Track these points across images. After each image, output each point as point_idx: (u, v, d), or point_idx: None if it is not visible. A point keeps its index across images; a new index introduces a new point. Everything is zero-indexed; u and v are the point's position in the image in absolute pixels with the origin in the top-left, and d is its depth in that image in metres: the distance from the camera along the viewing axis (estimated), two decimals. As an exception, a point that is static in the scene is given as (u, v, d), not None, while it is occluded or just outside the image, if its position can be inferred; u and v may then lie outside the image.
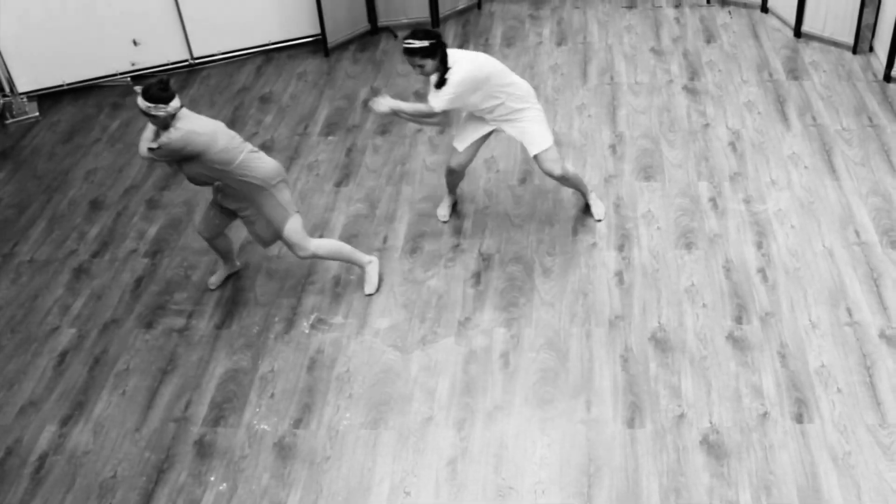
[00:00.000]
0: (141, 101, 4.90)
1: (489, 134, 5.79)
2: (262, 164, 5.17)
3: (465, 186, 6.40)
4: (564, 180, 5.84)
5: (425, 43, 5.24)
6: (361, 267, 5.66)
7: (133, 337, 5.52)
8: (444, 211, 6.21)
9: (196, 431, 4.92)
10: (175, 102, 4.91)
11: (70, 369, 5.34)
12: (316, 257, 5.48)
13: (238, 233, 6.02)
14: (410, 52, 5.27)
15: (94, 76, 7.95)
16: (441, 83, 5.36)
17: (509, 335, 5.32)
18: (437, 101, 5.39)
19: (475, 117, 5.74)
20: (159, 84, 4.90)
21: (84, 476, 4.74)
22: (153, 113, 4.90)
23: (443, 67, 5.35)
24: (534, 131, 5.65)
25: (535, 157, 5.69)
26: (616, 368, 5.05)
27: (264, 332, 5.49)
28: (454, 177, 6.01)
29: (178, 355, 5.38)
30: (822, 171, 6.36)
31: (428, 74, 5.38)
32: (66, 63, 7.79)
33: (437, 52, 5.29)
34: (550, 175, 5.74)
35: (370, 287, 5.63)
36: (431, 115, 5.49)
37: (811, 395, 4.82)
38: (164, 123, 4.96)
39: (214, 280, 5.77)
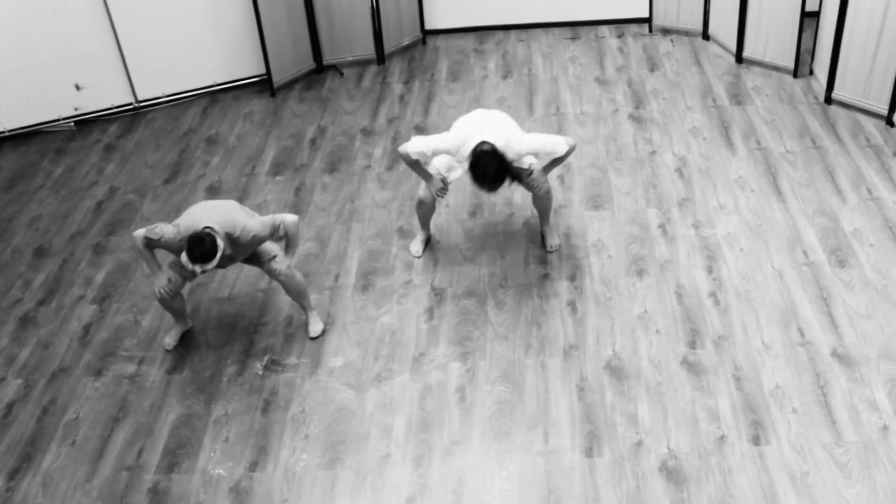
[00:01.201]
0: (196, 267, 4.87)
1: None
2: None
3: (414, 223, 6.39)
4: (549, 197, 5.81)
5: None
6: (308, 310, 5.61)
7: (82, 385, 5.40)
8: (417, 247, 6.16)
9: (149, 479, 4.82)
10: (220, 243, 4.91)
11: (17, 421, 5.21)
12: (298, 282, 5.45)
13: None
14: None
15: (36, 122, 7.85)
16: None
17: (464, 369, 5.28)
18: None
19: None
20: (195, 243, 4.85)
21: (33, 531, 4.62)
22: (209, 269, 4.92)
23: None
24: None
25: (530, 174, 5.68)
26: (572, 398, 5.04)
27: (217, 375, 5.40)
28: (425, 209, 5.95)
29: (130, 402, 5.27)
30: (769, 193, 6.43)
31: None
32: (7, 109, 7.69)
33: None
34: (539, 190, 5.72)
35: (315, 329, 5.58)
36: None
37: (767, 417, 4.83)
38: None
39: (170, 341, 5.63)
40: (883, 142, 6.86)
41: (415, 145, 5.48)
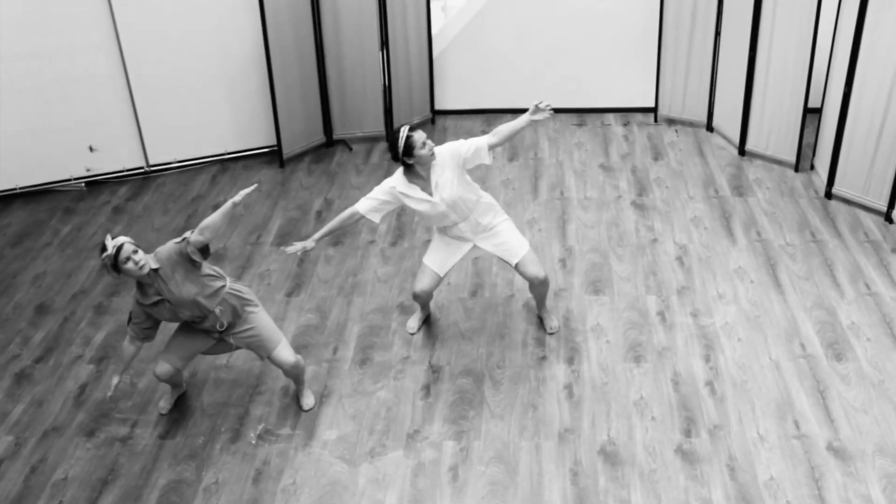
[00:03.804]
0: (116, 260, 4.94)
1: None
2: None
3: (416, 297, 6.43)
4: (544, 284, 5.87)
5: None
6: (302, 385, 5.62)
7: (74, 445, 5.39)
8: (414, 323, 6.20)
9: (135, 545, 4.78)
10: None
11: (4, 479, 5.18)
12: (301, 370, 5.48)
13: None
14: (415, 128, 5.40)
15: (48, 180, 7.95)
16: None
17: (458, 448, 5.27)
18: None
19: (453, 238, 5.77)
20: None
21: (16, 592, 4.57)
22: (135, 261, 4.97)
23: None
24: (511, 241, 5.75)
25: (517, 265, 5.74)
26: (565, 482, 5.01)
27: (210, 442, 5.39)
28: (422, 299, 5.99)
29: (120, 465, 5.25)
30: (768, 285, 6.47)
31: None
32: (20, 166, 7.80)
33: None
34: (535, 279, 5.77)
35: (308, 403, 5.59)
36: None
37: (760, 510, 4.81)
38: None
39: (165, 405, 5.63)
40: (882, 238, 6.93)
41: (363, 204, 5.62)
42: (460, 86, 9.10)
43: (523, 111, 5.51)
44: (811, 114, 8.15)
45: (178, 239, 5.01)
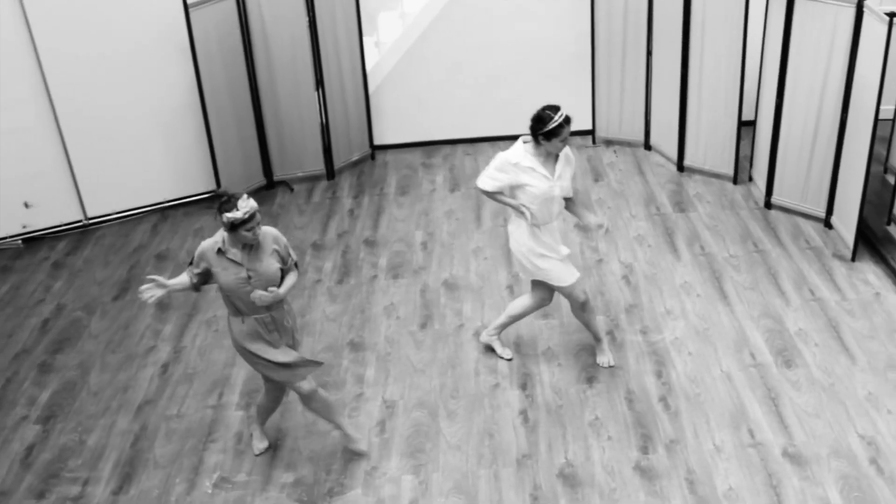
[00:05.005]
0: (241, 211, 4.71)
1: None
2: None
3: (366, 335, 6.39)
4: (586, 307, 5.82)
5: None
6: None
7: (23, 510, 5.25)
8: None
9: None
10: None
11: (-45, 549, 5.04)
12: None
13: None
14: (568, 121, 5.33)
15: (-18, 241, 7.83)
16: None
17: (417, 482, 5.22)
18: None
19: (548, 246, 5.64)
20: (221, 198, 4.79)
21: None
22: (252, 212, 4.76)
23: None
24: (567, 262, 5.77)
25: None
26: (526, 507, 4.99)
27: (164, 494, 5.28)
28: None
29: (72, 526, 5.13)
30: (714, 297, 6.53)
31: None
32: (-45, 228, 7.67)
33: None
34: (578, 301, 5.74)
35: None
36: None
37: (721, 521, 4.81)
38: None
39: (260, 445, 5.53)
40: (822, 244, 7.03)
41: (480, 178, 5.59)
42: (398, 120, 9.11)
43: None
44: (745, 126, 8.26)
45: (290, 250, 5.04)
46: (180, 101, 8.03)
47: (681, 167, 8.32)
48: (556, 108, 5.29)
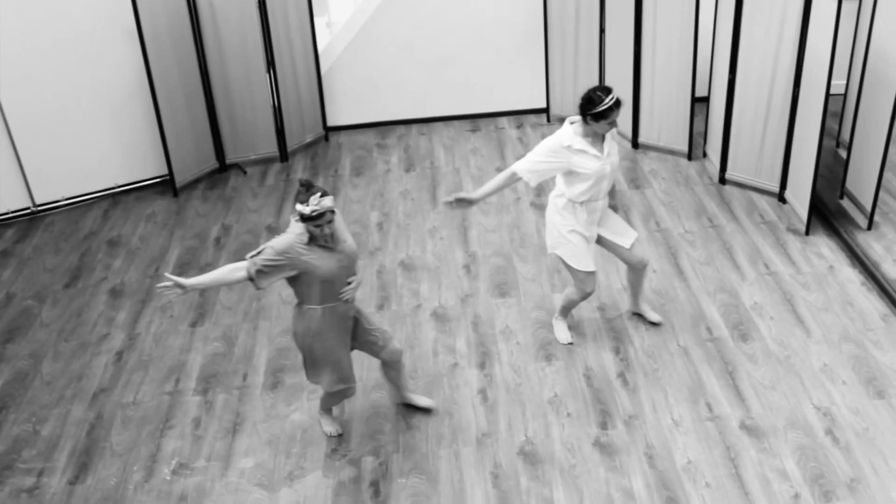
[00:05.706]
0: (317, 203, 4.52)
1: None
2: None
3: (323, 315, 6.34)
4: (646, 269, 5.91)
5: None
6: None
7: (-24, 502, 5.16)
8: (565, 335, 6.06)
9: None
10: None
11: None
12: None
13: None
14: (619, 104, 5.26)
15: (-72, 231, 7.65)
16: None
17: (377, 463, 5.19)
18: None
19: (584, 227, 5.58)
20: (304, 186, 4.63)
21: None
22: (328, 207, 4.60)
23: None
24: (624, 223, 5.78)
25: (632, 245, 5.72)
26: (487, 486, 4.98)
27: (122, 483, 5.21)
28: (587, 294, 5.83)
29: (28, 517, 5.04)
30: (671, 273, 6.56)
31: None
32: None
33: None
34: (643, 262, 5.79)
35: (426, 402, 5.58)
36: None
37: (681, 493, 4.84)
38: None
39: (332, 429, 5.44)
40: (776, 218, 7.09)
41: (522, 166, 5.47)
42: (351, 101, 9.04)
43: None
44: (699, 103, 8.31)
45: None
46: (129, 84, 7.90)
47: (635, 144, 8.34)
48: (607, 90, 5.22)
